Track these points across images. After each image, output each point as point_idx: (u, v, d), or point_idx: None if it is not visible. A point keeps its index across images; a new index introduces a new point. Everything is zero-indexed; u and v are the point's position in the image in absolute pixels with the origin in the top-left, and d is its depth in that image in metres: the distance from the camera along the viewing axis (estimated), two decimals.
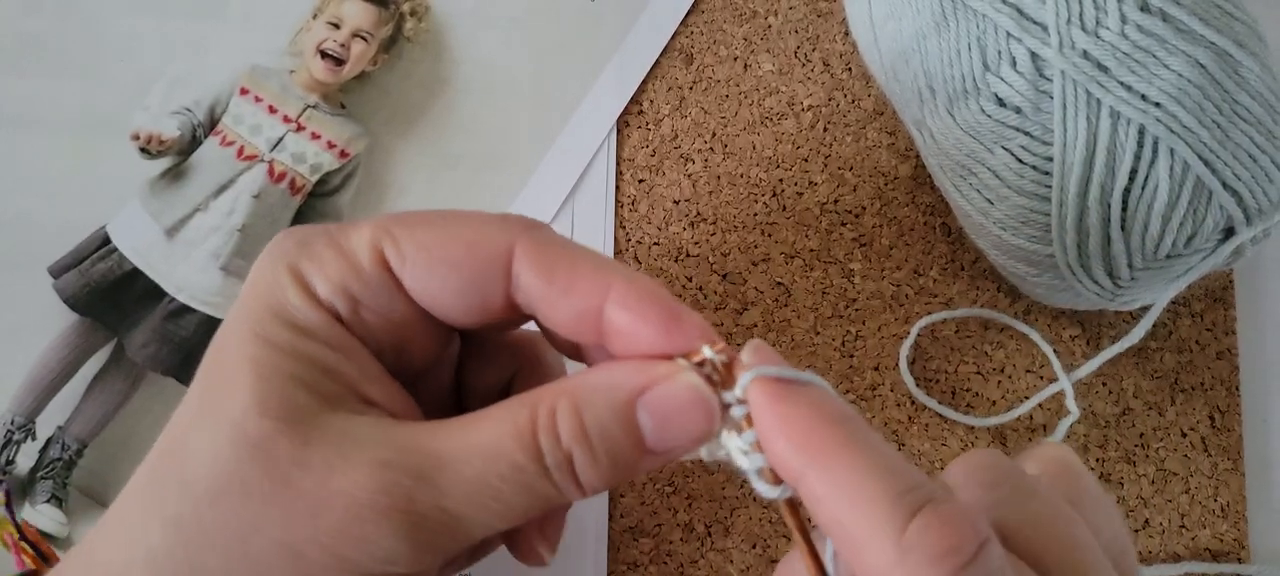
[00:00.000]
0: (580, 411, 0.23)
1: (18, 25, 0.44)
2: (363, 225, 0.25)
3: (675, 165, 0.44)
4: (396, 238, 0.24)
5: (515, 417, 0.23)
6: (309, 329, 0.24)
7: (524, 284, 0.24)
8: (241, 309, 0.24)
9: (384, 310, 0.25)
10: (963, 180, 0.38)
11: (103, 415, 0.39)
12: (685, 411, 0.23)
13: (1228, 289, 0.43)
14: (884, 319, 0.42)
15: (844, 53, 0.45)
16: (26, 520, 0.37)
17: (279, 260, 0.24)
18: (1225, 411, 0.41)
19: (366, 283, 0.24)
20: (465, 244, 0.25)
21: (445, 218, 0.25)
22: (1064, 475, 0.24)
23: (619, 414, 0.23)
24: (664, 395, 0.23)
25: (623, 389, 0.23)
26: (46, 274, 0.41)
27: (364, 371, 0.24)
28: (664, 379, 0.23)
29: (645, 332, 0.24)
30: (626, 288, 0.24)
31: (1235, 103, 0.34)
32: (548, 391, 0.24)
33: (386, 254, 0.24)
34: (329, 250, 0.24)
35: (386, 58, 0.45)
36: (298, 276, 0.24)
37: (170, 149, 0.42)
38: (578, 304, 0.24)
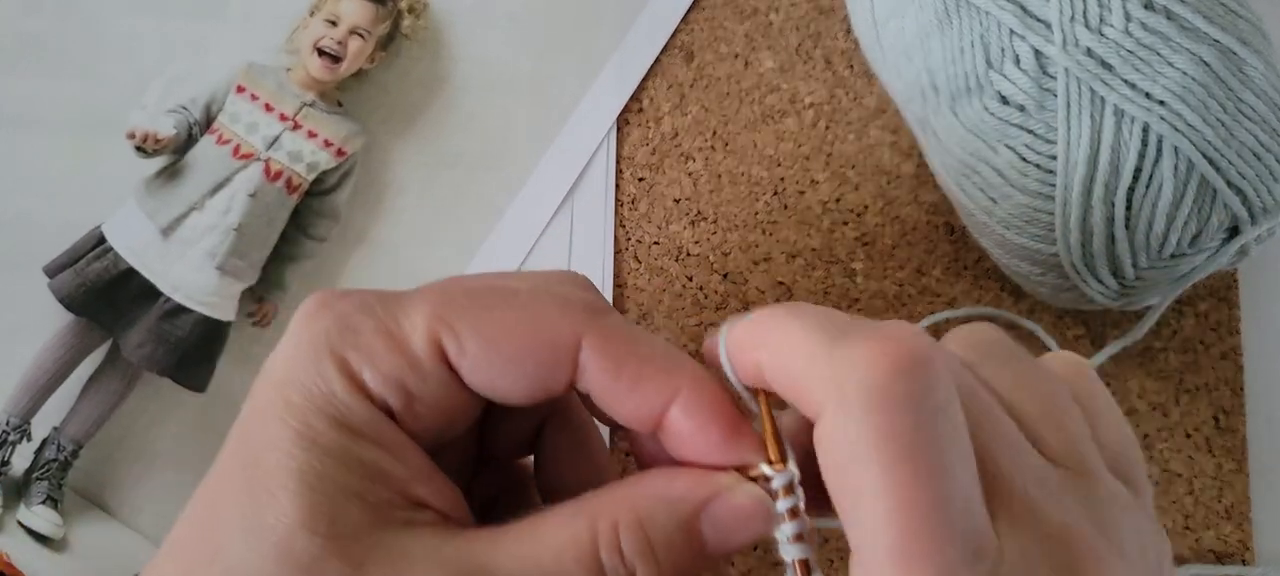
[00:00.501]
0: (645, 526, 0.22)
1: (17, 25, 0.44)
2: (414, 309, 0.23)
3: (676, 163, 0.44)
4: (456, 329, 0.23)
5: (576, 534, 0.22)
6: (358, 429, 0.22)
7: (589, 375, 0.24)
8: (278, 398, 0.22)
9: (438, 401, 0.23)
10: (966, 179, 0.37)
11: (98, 415, 0.39)
12: (749, 522, 0.23)
13: (1232, 288, 0.42)
14: (886, 319, 0.41)
15: (846, 50, 0.45)
16: (5, 552, 0.37)
17: (322, 346, 0.23)
18: (1229, 412, 0.41)
19: (423, 377, 0.23)
20: (530, 336, 0.23)
21: (506, 301, 0.24)
22: (1074, 375, 0.24)
23: (684, 527, 0.23)
24: (730, 507, 0.23)
25: (688, 503, 0.23)
26: (42, 273, 0.40)
27: (412, 470, 0.23)
28: (727, 491, 0.23)
29: (705, 443, 0.23)
30: (694, 394, 0.23)
31: (1240, 101, 0.34)
32: (608, 503, 0.23)
33: (445, 345, 0.23)
34: (380, 340, 0.23)
35: (384, 55, 0.44)
36: (345, 368, 0.22)
37: (166, 147, 0.42)
38: (642, 404, 0.24)
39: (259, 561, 0.21)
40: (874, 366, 0.19)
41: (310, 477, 0.21)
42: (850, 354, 0.19)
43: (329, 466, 0.21)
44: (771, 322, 0.22)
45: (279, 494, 0.21)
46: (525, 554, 0.22)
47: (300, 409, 0.22)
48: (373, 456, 0.22)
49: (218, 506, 0.22)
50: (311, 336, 0.23)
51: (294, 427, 0.22)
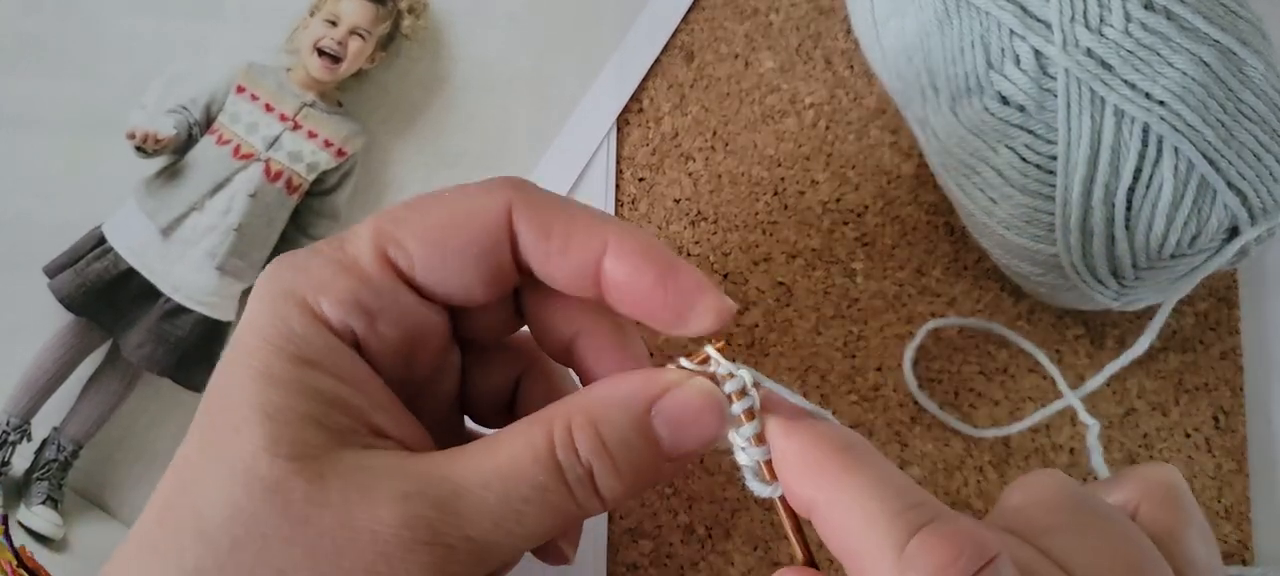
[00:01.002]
0: (597, 425, 0.23)
1: (16, 25, 0.44)
2: (357, 233, 0.24)
3: (676, 164, 0.44)
4: (397, 237, 0.24)
5: (532, 438, 0.23)
6: (316, 360, 0.23)
7: (524, 243, 0.25)
8: (242, 346, 0.23)
9: (398, 316, 0.24)
10: (966, 179, 0.37)
11: (98, 416, 0.39)
12: (700, 416, 0.24)
13: (1232, 288, 0.42)
14: (887, 319, 0.41)
15: (846, 50, 0.45)
16: (25, 545, 0.37)
17: (278, 290, 0.24)
18: (1229, 412, 0.41)
19: (377, 289, 0.24)
20: (465, 222, 0.24)
21: (436, 200, 0.25)
22: (1167, 503, 0.24)
23: (636, 423, 0.23)
24: (678, 401, 0.24)
25: (637, 399, 0.24)
26: (42, 273, 0.40)
27: (374, 401, 0.24)
28: (676, 386, 0.24)
29: (643, 285, 0.24)
30: (622, 241, 0.24)
31: (1240, 101, 0.34)
32: (561, 408, 0.24)
33: (392, 256, 0.24)
34: (331, 268, 0.24)
35: (384, 55, 0.44)
36: (302, 304, 0.23)
37: (166, 147, 0.42)
38: (576, 259, 0.24)
39: (227, 490, 0.22)
40: (942, 572, 0.19)
41: (269, 409, 0.22)
42: (919, 555, 0.20)
43: (288, 397, 0.22)
44: (838, 468, 0.22)
45: (241, 427, 0.22)
46: (484, 463, 0.23)
47: (259, 350, 0.23)
48: (331, 386, 0.23)
49: (188, 453, 0.23)
50: (268, 286, 0.24)
51: (254, 368, 0.23)
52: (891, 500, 0.21)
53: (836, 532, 0.21)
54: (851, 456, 0.22)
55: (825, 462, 0.22)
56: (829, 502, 0.21)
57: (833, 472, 0.22)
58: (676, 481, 0.39)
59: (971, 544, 0.20)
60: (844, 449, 0.22)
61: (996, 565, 0.19)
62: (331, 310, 0.23)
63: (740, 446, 0.24)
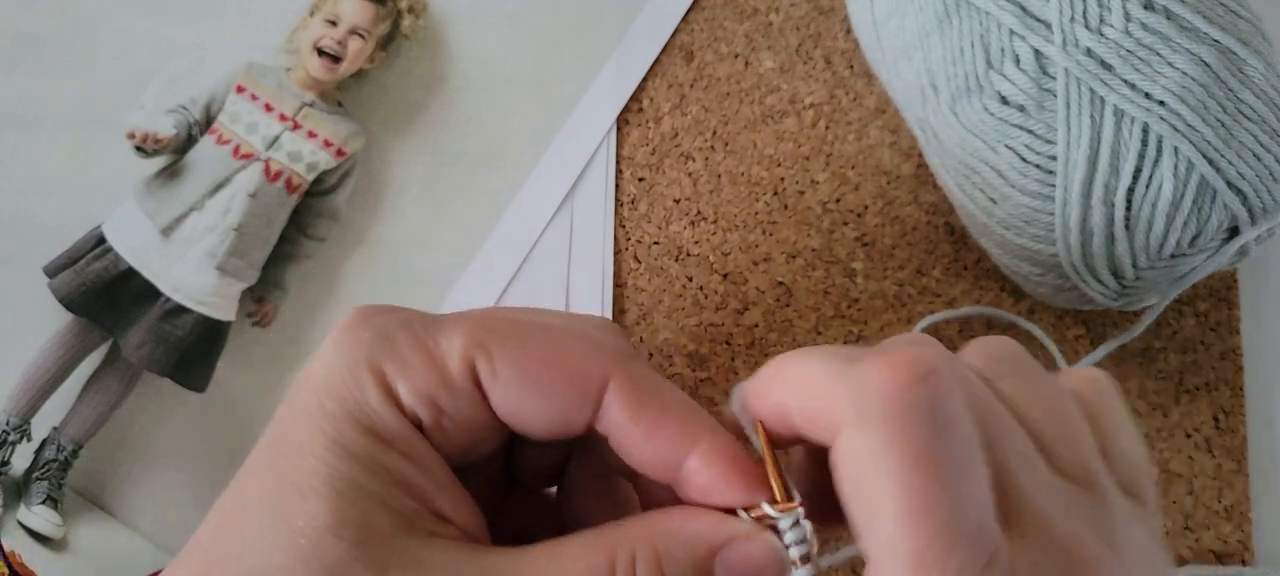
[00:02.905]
0: (661, 559, 0.23)
1: (14, 24, 0.44)
2: (453, 330, 0.24)
3: (676, 163, 0.44)
4: (490, 352, 0.23)
5: (593, 557, 0.23)
6: (389, 438, 0.23)
7: (610, 416, 0.24)
8: (313, 403, 0.23)
9: (465, 421, 0.24)
10: (966, 179, 0.37)
11: (98, 416, 0.39)
12: (762, 571, 0.23)
13: (1232, 288, 0.42)
14: (887, 319, 0.41)
15: (846, 50, 0.45)
16: (15, 551, 0.37)
17: (358, 354, 0.23)
18: (1229, 412, 0.41)
19: (455, 395, 0.23)
20: (560, 370, 0.24)
21: (540, 334, 0.24)
22: (1090, 390, 0.24)
23: (698, 565, 0.23)
24: (744, 553, 0.23)
25: (704, 541, 0.23)
26: (42, 273, 0.40)
27: (438, 484, 0.23)
28: (744, 537, 0.23)
29: (722, 497, 0.24)
30: (713, 447, 0.24)
31: (1240, 101, 0.34)
32: (628, 532, 0.23)
33: (478, 367, 0.23)
34: (416, 354, 0.23)
35: (384, 55, 0.44)
36: (381, 379, 0.23)
37: (166, 147, 0.42)
38: (660, 450, 0.24)
39: (285, 562, 0.21)
40: (886, 382, 0.19)
41: (340, 483, 0.21)
42: (864, 372, 0.20)
43: (359, 473, 0.22)
44: (786, 364, 0.22)
45: (309, 497, 0.21)
46: (545, 572, 0.22)
47: (334, 415, 0.22)
48: (401, 466, 0.22)
49: (245, 506, 0.22)
50: (350, 346, 0.23)
51: (327, 432, 0.22)
52: (841, 356, 0.21)
53: (802, 414, 0.21)
54: (800, 351, 0.22)
55: (779, 364, 0.22)
56: (790, 393, 0.22)
57: (787, 367, 0.22)
58: None
59: (915, 353, 0.20)
60: (795, 352, 0.22)
61: (939, 374, 0.19)
62: (406, 395, 0.23)
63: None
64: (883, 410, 0.19)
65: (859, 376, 0.20)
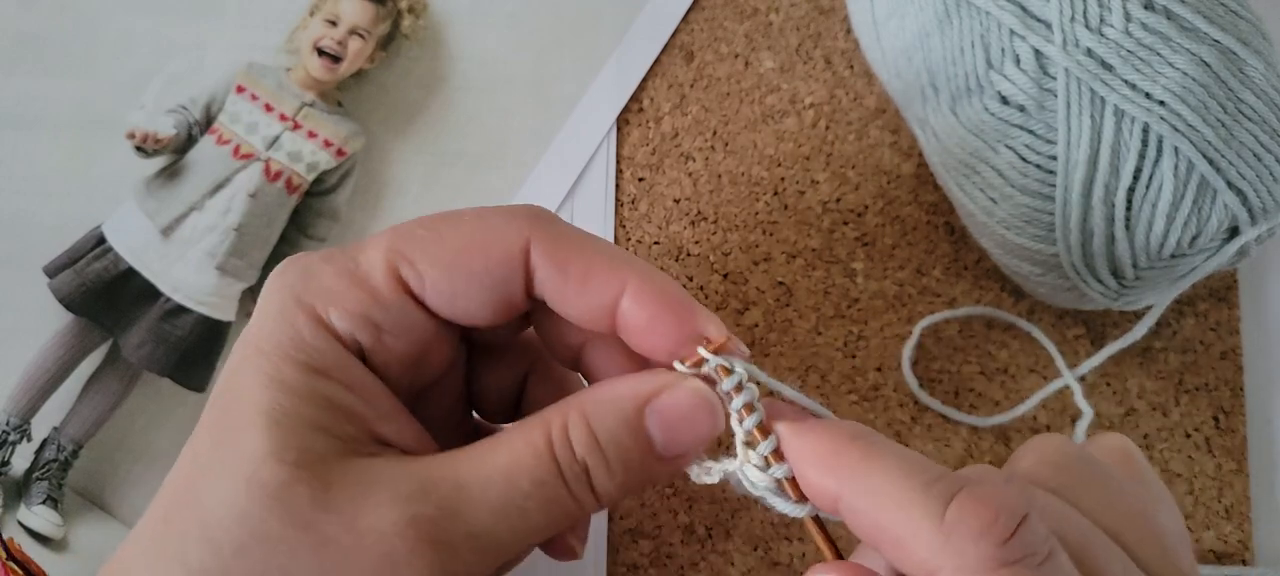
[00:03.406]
0: (591, 422, 0.24)
1: (14, 24, 0.44)
2: (371, 247, 0.25)
3: (676, 163, 0.44)
4: (411, 257, 0.24)
5: (531, 437, 0.23)
6: (324, 368, 0.23)
7: (540, 279, 0.25)
8: (251, 348, 0.24)
9: (405, 332, 0.25)
10: (966, 179, 0.37)
11: (98, 416, 0.39)
12: (692, 415, 0.24)
13: (1232, 289, 0.42)
14: (887, 319, 0.41)
15: (846, 50, 0.45)
16: (13, 538, 0.37)
17: (288, 295, 0.24)
18: (1229, 412, 0.41)
19: (387, 307, 0.24)
20: (481, 250, 0.24)
21: (453, 223, 0.25)
22: (1127, 464, 0.25)
23: (628, 422, 0.24)
24: (670, 401, 0.24)
25: (630, 399, 0.24)
26: (42, 273, 0.40)
27: (379, 410, 0.24)
28: (669, 386, 0.24)
29: (660, 329, 0.24)
30: (642, 284, 0.24)
31: (1240, 101, 0.34)
32: (559, 408, 0.24)
33: (403, 274, 0.24)
34: (342, 280, 0.24)
35: (384, 55, 0.44)
36: (310, 312, 0.24)
37: (166, 147, 0.42)
38: (593, 298, 0.25)
39: (232, 494, 0.22)
40: (985, 537, 0.20)
41: (277, 414, 0.22)
42: (960, 520, 0.20)
43: (295, 403, 0.23)
44: (856, 458, 0.22)
45: (248, 430, 0.22)
46: (486, 462, 0.23)
47: (269, 355, 0.23)
48: (338, 394, 0.23)
49: (196, 454, 0.23)
50: (278, 290, 0.24)
51: (265, 372, 0.23)
52: (918, 475, 0.21)
53: (868, 520, 0.22)
54: (867, 443, 0.22)
55: (842, 453, 0.22)
56: (855, 492, 0.22)
57: (852, 461, 0.22)
58: (677, 481, 0.39)
59: (1007, 502, 0.20)
60: (856, 437, 0.22)
61: (1029, 523, 0.20)
62: (340, 321, 0.24)
63: (756, 465, 0.24)
64: (986, 566, 0.20)
65: (955, 522, 0.20)
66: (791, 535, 0.38)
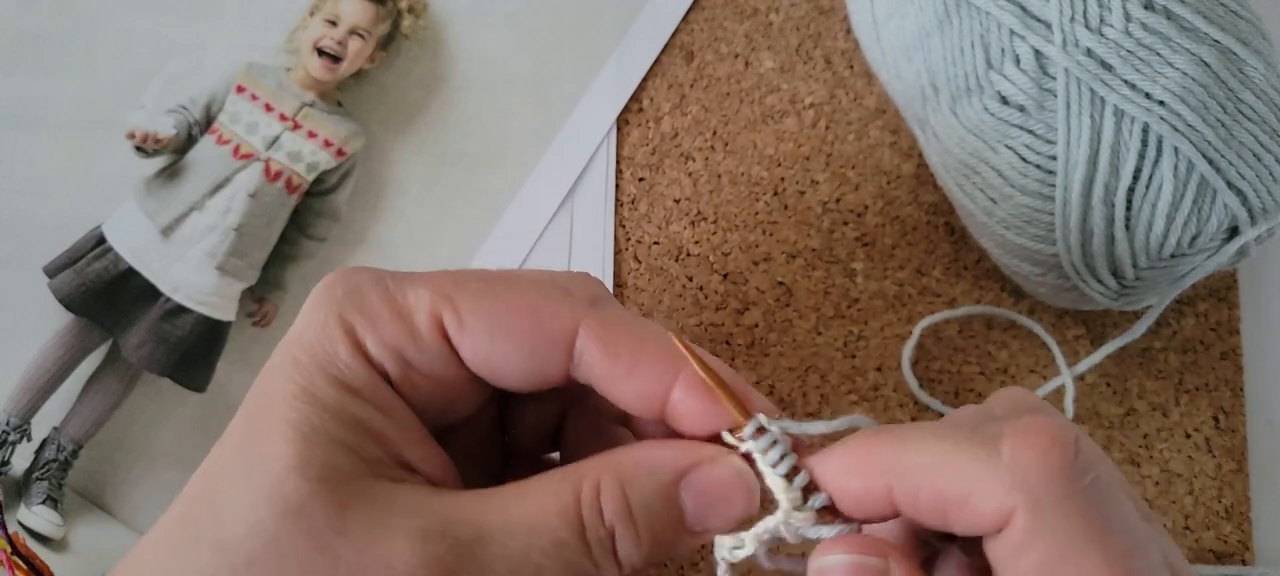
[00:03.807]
0: (625, 487, 0.23)
1: (14, 24, 0.44)
2: (421, 284, 0.24)
3: (676, 163, 0.44)
4: (457, 306, 0.24)
5: (559, 491, 0.23)
6: (356, 388, 0.23)
7: (587, 362, 0.24)
8: (287, 357, 0.23)
9: (436, 375, 0.24)
10: (966, 179, 0.37)
11: (98, 416, 0.39)
12: (728, 493, 0.24)
13: (1232, 288, 0.42)
14: (887, 319, 0.41)
15: (846, 50, 0.45)
16: (17, 531, 0.37)
17: (330, 310, 0.24)
18: (1229, 412, 0.41)
19: (422, 348, 0.24)
20: (528, 319, 0.24)
21: (508, 285, 0.25)
22: (1020, 401, 0.25)
23: (663, 492, 0.23)
24: (708, 476, 0.24)
25: (668, 469, 0.24)
26: (42, 273, 0.40)
27: (406, 435, 0.24)
28: (708, 461, 0.24)
29: (712, 420, 0.24)
30: (696, 374, 0.24)
31: (1239, 101, 0.34)
32: (592, 466, 0.24)
33: (445, 321, 0.24)
34: (385, 308, 0.24)
35: (384, 55, 0.44)
36: (349, 331, 0.23)
37: (166, 147, 0.42)
38: (642, 386, 0.24)
39: (251, 504, 0.22)
40: (1047, 462, 0.20)
41: (305, 428, 0.22)
42: (1016, 453, 0.21)
43: (324, 419, 0.22)
44: (889, 448, 0.22)
45: (275, 440, 0.22)
46: (510, 510, 0.23)
47: (305, 366, 0.23)
48: (369, 415, 0.23)
49: (222, 456, 0.23)
50: (324, 302, 0.24)
51: (297, 382, 0.23)
52: (955, 432, 0.21)
53: (926, 495, 0.22)
54: (890, 432, 0.23)
55: (874, 452, 0.22)
56: (905, 474, 0.22)
57: (888, 453, 0.22)
58: None
59: (1058, 425, 0.21)
60: (876, 434, 0.23)
61: (1083, 440, 0.21)
62: (373, 347, 0.24)
63: (793, 501, 0.23)
64: (1061, 493, 0.20)
65: (1015, 461, 0.20)
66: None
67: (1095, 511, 0.20)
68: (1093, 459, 0.21)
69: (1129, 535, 0.21)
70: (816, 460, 0.24)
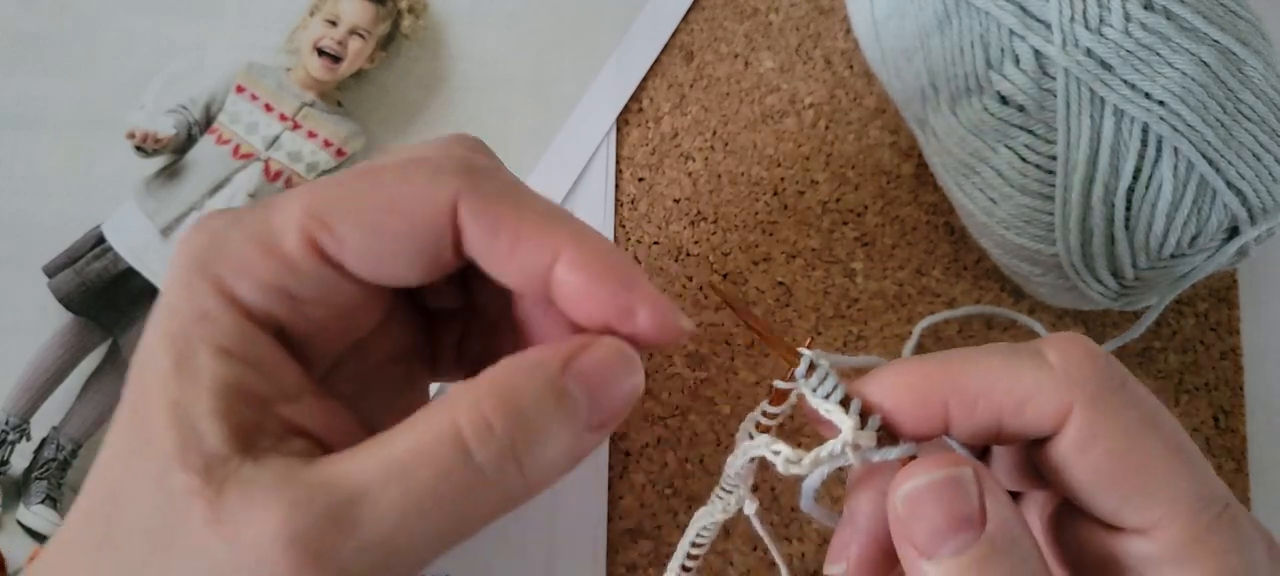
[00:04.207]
0: (512, 396, 0.21)
1: (14, 24, 0.44)
2: (282, 208, 0.22)
3: (676, 163, 0.44)
4: (327, 219, 0.22)
5: (434, 421, 0.21)
6: (230, 348, 0.22)
7: (469, 236, 0.23)
8: (163, 328, 0.22)
9: (324, 299, 0.23)
10: (966, 179, 0.37)
11: (98, 415, 0.39)
12: (616, 371, 0.23)
13: (1231, 288, 0.42)
14: (887, 319, 0.41)
15: (846, 50, 0.45)
16: (5, 549, 0.37)
17: (192, 268, 0.22)
18: (1229, 412, 0.41)
19: (302, 277, 0.22)
20: (404, 210, 0.22)
21: (372, 179, 0.23)
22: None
23: (552, 385, 0.22)
24: (591, 357, 0.22)
25: (551, 361, 0.22)
26: (41, 273, 0.40)
27: (285, 390, 0.22)
28: (587, 345, 0.22)
29: (596, 297, 0.23)
30: (578, 249, 0.22)
31: (1239, 101, 0.34)
32: (467, 387, 0.22)
33: (320, 241, 0.22)
34: (250, 247, 0.22)
35: (384, 55, 0.44)
36: (217, 283, 0.22)
37: (166, 147, 0.42)
38: (525, 262, 0.23)
39: (144, 504, 0.21)
40: (1095, 363, 0.22)
41: (179, 409, 0.21)
42: (1064, 359, 0.22)
43: (199, 394, 0.21)
44: (940, 369, 0.23)
45: (155, 427, 0.21)
46: (381, 457, 0.21)
47: (175, 337, 0.22)
48: (244, 378, 0.21)
49: (115, 447, 0.22)
50: (186, 259, 0.22)
51: (171, 357, 0.21)
52: (998, 350, 0.23)
53: (986, 404, 0.23)
54: (935, 355, 0.24)
55: (930, 374, 0.23)
56: (963, 389, 0.23)
57: (941, 373, 0.23)
58: (676, 481, 0.39)
59: (1085, 341, 0.23)
60: (925, 360, 0.24)
61: (1109, 353, 0.23)
62: (249, 294, 0.22)
63: (854, 426, 0.23)
64: (1113, 387, 0.22)
65: (1063, 363, 0.22)
66: (791, 535, 0.38)
67: (1139, 403, 0.22)
68: (1119, 364, 0.23)
69: (1168, 419, 0.22)
70: (866, 385, 0.24)
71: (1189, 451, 0.22)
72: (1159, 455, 0.22)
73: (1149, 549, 0.22)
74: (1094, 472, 0.22)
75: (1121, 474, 0.22)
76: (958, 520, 0.21)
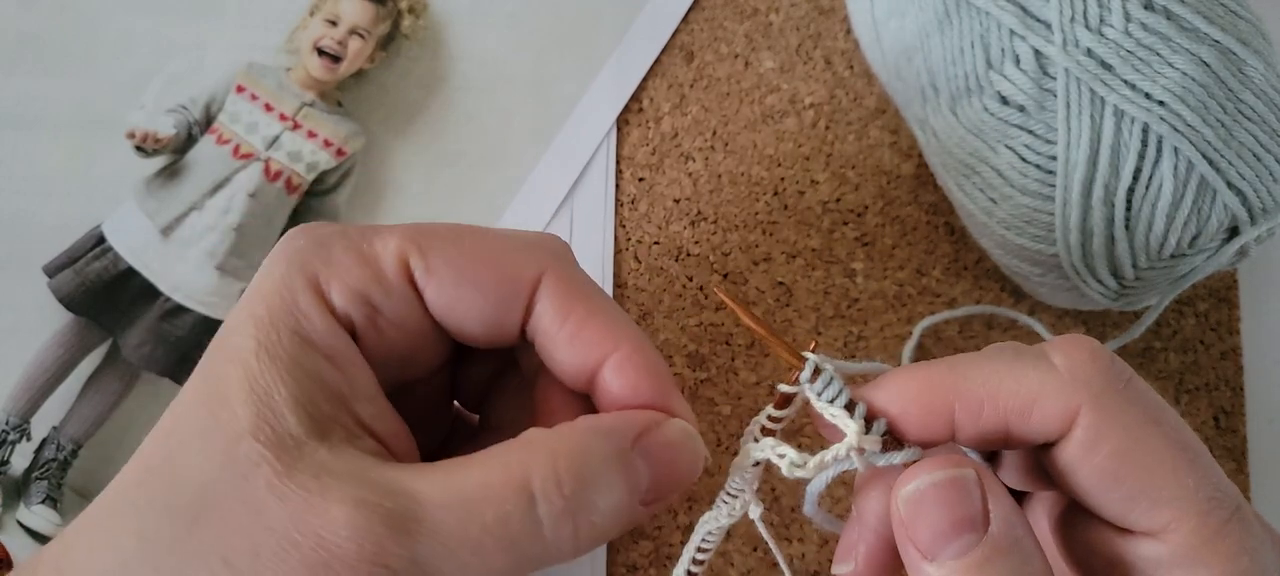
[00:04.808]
0: (580, 456, 0.22)
1: (14, 24, 0.44)
2: (387, 232, 0.24)
3: (676, 163, 0.44)
4: (424, 250, 0.24)
5: (508, 464, 0.22)
6: (315, 341, 0.23)
7: (539, 316, 0.25)
8: (249, 311, 0.23)
9: (400, 321, 0.24)
10: (966, 179, 0.37)
11: (98, 415, 0.39)
12: (681, 452, 0.24)
13: (1232, 288, 0.42)
14: (887, 319, 0.41)
15: (846, 50, 0.45)
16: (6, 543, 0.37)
17: (293, 261, 0.24)
18: (1230, 412, 0.41)
19: (388, 291, 0.24)
20: (493, 267, 0.24)
21: (475, 235, 0.25)
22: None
23: (620, 456, 0.23)
24: (662, 436, 0.24)
25: (624, 431, 0.23)
26: (42, 273, 0.40)
27: (361, 392, 0.23)
28: (658, 424, 0.24)
29: (636, 402, 0.24)
30: (629, 356, 0.24)
31: (1239, 101, 0.34)
32: (543, 439, 0.23)
33: (412, 265, 0.24)
34: (350, 256, 0.24)
35: (384, 55, 0.44)
36: (313, 283, 0.23)
37: (166, 147, 0.42)
38: (579, 354, 0.24)
39: (206, 464, 0.21)
40: (1098, 363, 0.22)
41: (259, 388, 0.22)
42: (1068, 361, 0.22)
43: (280, 377, 0.22)
44: (944, 376, 0.23)
45: (232, 401, 0.22)
46: (449, 483, 0.22)
47: (264, 321, 0.23)
48: (324, 370, 0.23)
49: (180, 415, 0.23)
50: (286, 255, 0.24)
51: (257, 338, 0.23)
52: (1004, 353, 0.23)
53: (993, 409, 0.23)
54: (939, 361, 0.24)
55: (934, 380, 0.23)
56: (965, 393, 0.23)
57: (945, 374, 0.23)
58: None
59: (1089, 342, 0.23)
60: (928, 363, 0.24)
61: (1112, 352, 0.23)
62: (338, 296, 0.24)
63: (858, 430, 0.23)
64: (1117, 387, 0.22)
65: (1068, 365, 0.22)
66: (791, 535, 0.38)
67: (1145, 403, 0.22)
68: (1124, 364, 0.23)
69: (1174, 419, 0.22)
70: (871, 390, 0.24)
71: (1197, 451, 0.22)
72: (1165, 456, 0.22)
73: (1158, 551, 0.22)
74: (1100, 475, 0.22)
75: (1127, 476, 0.22)
76: (960, 521, 0.21)
